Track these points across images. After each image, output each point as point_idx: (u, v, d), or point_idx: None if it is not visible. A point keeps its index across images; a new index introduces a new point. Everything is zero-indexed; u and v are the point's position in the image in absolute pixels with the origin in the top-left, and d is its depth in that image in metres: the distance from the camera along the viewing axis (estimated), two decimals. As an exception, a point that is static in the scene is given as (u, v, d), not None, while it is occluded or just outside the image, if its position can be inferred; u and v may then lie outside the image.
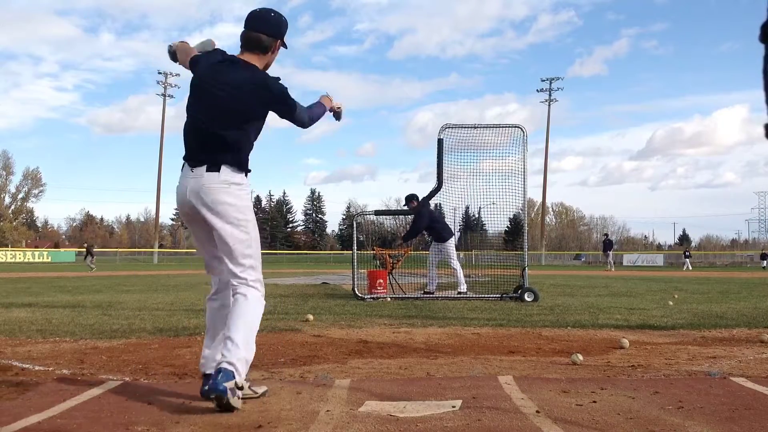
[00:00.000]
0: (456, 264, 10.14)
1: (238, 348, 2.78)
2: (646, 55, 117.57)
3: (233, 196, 2.96)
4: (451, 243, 10.25)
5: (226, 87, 3.00)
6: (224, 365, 2.73)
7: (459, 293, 9.72)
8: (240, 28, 3.11)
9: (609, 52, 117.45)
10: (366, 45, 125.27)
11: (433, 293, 9.87)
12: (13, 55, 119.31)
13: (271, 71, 3.18)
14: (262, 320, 3.05)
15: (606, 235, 35.30)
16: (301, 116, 3.12)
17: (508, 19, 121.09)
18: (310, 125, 3.19)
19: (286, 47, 3.18)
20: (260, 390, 3.04)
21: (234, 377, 2.71)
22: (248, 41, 3.08)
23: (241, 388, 2.74)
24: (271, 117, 3.15)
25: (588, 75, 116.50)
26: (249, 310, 2.91)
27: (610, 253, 31.80)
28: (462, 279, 9.99)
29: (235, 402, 2.73)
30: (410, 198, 10.25)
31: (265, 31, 3.07)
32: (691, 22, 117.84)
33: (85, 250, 30.39)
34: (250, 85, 2.99)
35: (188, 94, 3.11)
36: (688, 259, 38.42)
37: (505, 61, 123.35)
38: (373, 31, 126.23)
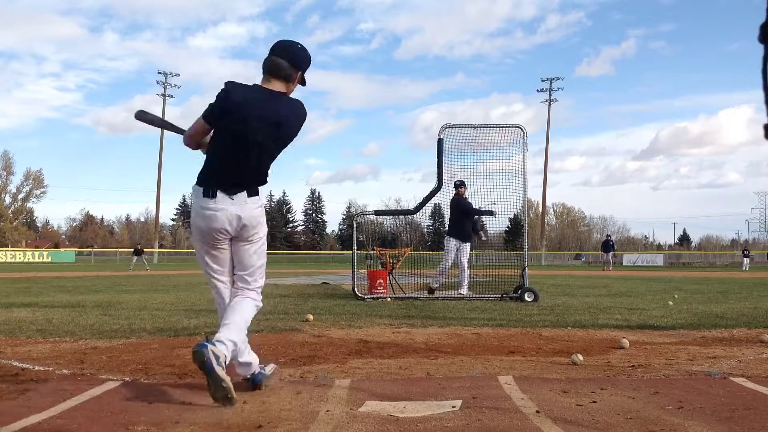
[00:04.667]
0: (466, 266, 10.08)
1: (230, 330, 3.01)
2: (653, 56, 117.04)
3: (264, 217, 3.25)
4: (468, 246, 10.20)
5: (273, 124, 3.08)
6: (216, 337, 2.96)
7: (458, 294, 9.69)
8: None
9: (616, 52, 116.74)
10: (373, 45, 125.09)
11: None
12: (15, 54, 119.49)
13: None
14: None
15: (608, 236, 34.98)
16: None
17: (517, 19, 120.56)
18: (186, 142, 3.25)
19: (304, 84, 3.24)
20: (268, 372, 3.29)
21: (218, 346, 2.86)
22: (276, 68, 3.13)
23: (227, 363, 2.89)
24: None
25: (595, 75, 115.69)
26: (246, 309, 3.17)
27: (610, 253, 31.72)
28: (466, 281, 9.95)
29: (217, 369, 2.79)
30: (459, 185, 10.12)
31: (290, 59, 3.15)
32: (698, 22, 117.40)
33: (133, 250, 32.60)
34: (296, 120, 3.17)
35: (223, 118, 3.06)
36: (746, 258, 35.90)
37: (511, 61, 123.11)
38: (380, 30, 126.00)
